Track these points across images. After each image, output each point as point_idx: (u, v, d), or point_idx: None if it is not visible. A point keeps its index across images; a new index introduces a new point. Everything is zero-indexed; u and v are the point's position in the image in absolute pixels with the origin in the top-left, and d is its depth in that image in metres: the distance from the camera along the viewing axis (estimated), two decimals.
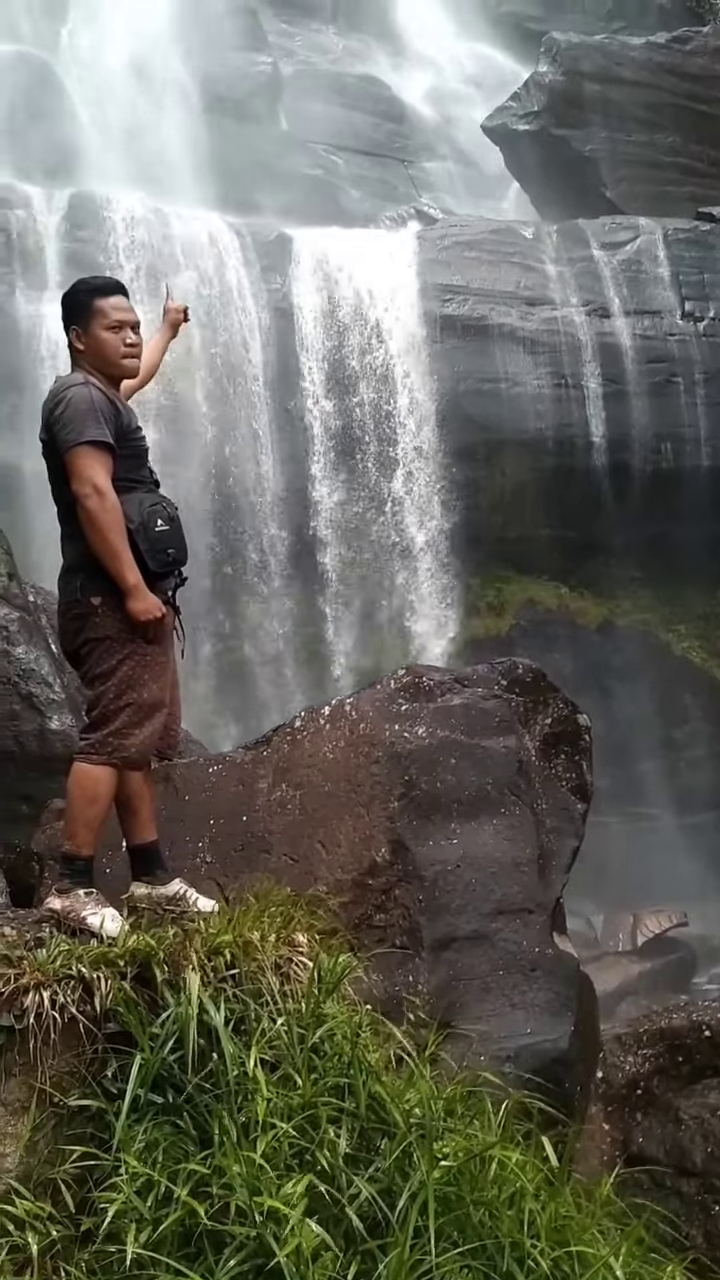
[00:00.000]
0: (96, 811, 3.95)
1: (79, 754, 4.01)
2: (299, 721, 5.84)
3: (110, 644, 3.98)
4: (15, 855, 6.02)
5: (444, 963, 5.29)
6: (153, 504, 4.09)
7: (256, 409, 13.82)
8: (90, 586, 3.99)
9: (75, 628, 4.05)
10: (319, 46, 19.60)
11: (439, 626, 14.03)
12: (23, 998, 3.05)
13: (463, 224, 15.73)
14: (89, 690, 4.09)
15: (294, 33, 19.43)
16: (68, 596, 4.06)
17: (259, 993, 3.22)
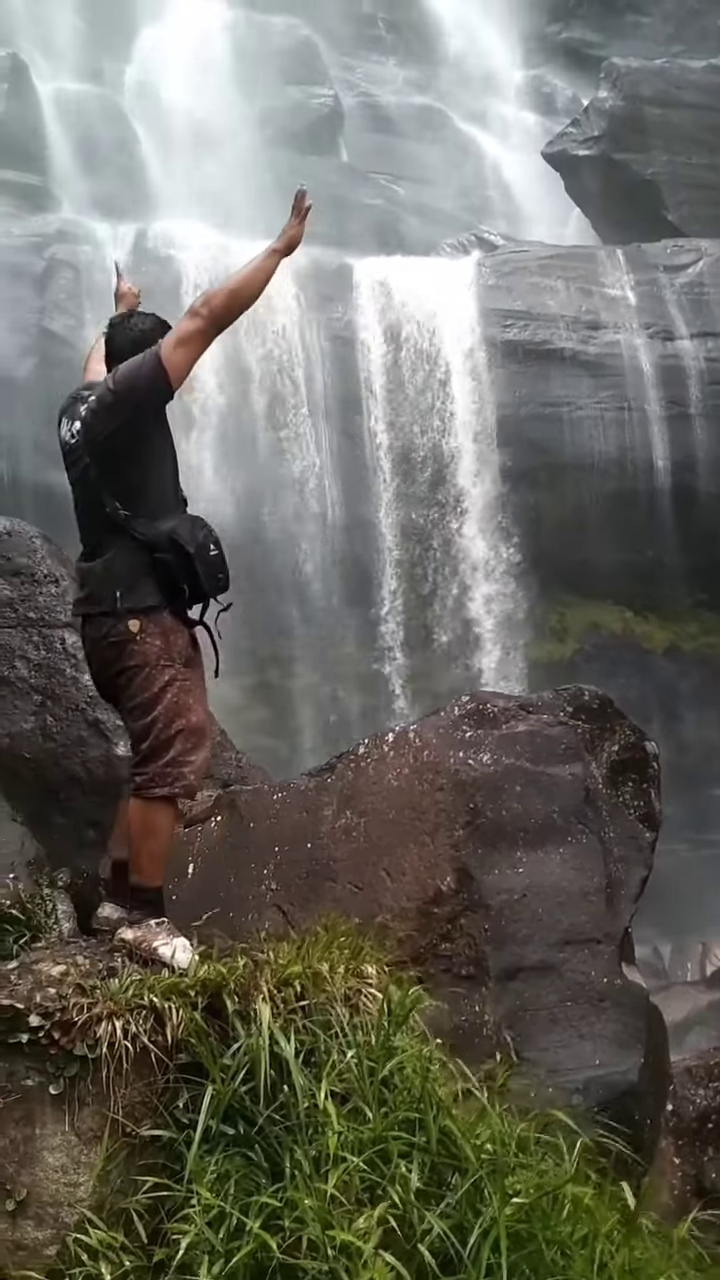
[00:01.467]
0: (161, 843, 3.92)
1: (137, 789, 3.93)
2: (363, 749, 5.83)
3: (150, 672, 3.85)
4: (83, 880, 6.08)
5: (511, 993, 5.23)
6: (204, 528, 3.95)
7: (317, 435, 13.92)
8: (127, 609, 3.85)
9: (112, 655, 3.92)
10: (379, 79, 19.82)
11: (502, 652, 13.97)
12: (96, 1027, 3.08)
13: (523, 249, 15.78)
14: (134, 721, 3.96)
15: (355, 65, 19.67)
16: (103, 623, 3.92)
17: (328, 1024, 3.21)
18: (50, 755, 7.21)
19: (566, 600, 14.41)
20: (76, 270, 13.35)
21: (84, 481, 3.95)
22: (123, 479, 3.90)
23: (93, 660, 4.12)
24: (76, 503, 4.00)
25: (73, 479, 4.01)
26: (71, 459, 3.99)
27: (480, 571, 14.09)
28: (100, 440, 3.88)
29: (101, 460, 3.89)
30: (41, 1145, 3.14)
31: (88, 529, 3.99)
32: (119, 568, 3.88)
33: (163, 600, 3.90)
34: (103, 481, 3.89)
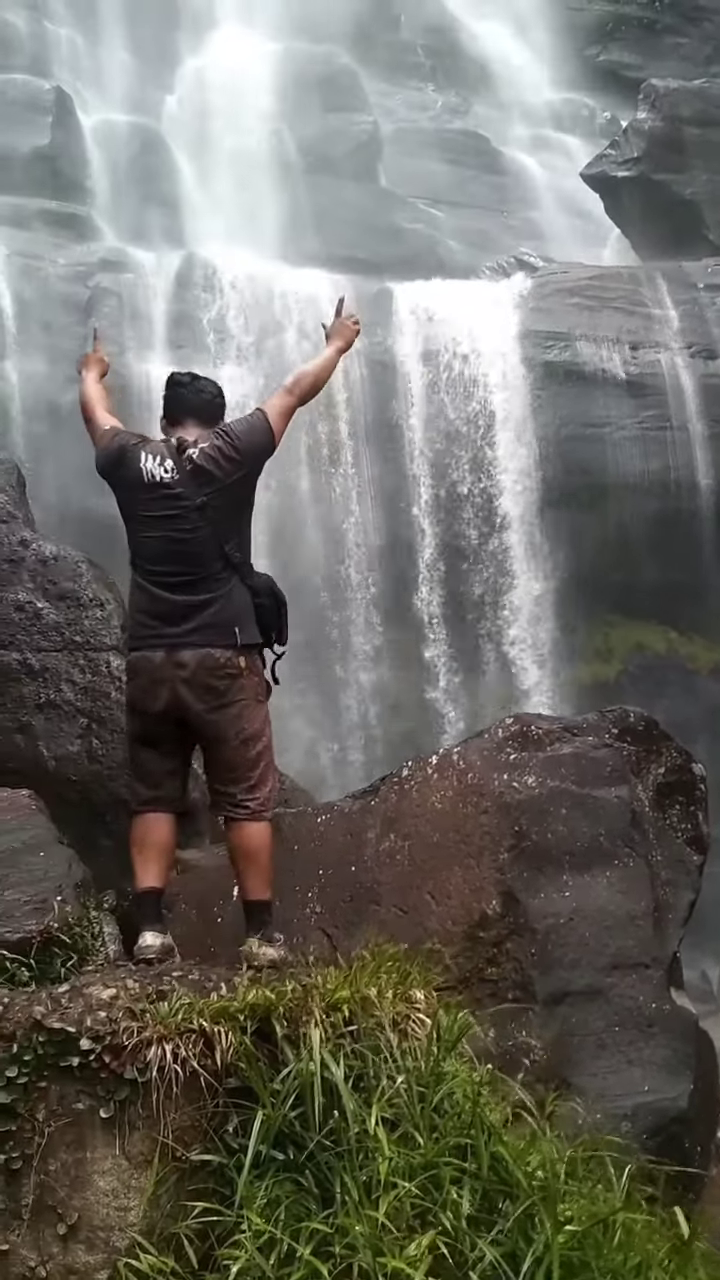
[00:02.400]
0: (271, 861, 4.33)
1: (252, 814, 4.27)
2: (406, 771, 5.83)
3: (255, 705, 4.27)
4: (129, 903, 6.11)
5: (558, 1018, 5.19)
6: (272, 582, 4.41)
7: (358, 459, 13.98)
8: (243, 644, 4.23)
9: (224, 685, 4.21)
10: (418, 104, 19.98)
11: (546, 673, 13.91)
12: (146, 1051, 3.09)
13: (563, 271, 15.79)
14: (240, 751, 4.27)
15: (393, 92, 19.85)
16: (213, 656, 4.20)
17: (378, 1049, 3.21)
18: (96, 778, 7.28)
19: (610, 621, 14.34)
20: (120, 298, 13.55)
21: (189, 521, 4.25)
22: (237, 526, 4.34)
23: (177, 689, 4.24)
24: (174, 539, 4.26)
25: (165, 515, 4.27)
26: (169, 497, 4.27)
27: (523, 592, 14.07)
28: (226, 487, 4.28)
29: (224, 506, 4.29)
30: (92, 1169, 3.16)
31: (194, 565, 4.26)
32: (236, 605, 4.26)
33: (260, 641, 4.35)
34: (222, 525, 4.28)
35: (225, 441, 4.33)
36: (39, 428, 12.78)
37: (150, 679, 4.25)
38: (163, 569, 4.28)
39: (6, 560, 7.82)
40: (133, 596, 4.39)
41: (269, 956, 3.92)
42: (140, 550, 4.35)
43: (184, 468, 4.28)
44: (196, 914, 5.44)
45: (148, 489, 4.31)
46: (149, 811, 4.35)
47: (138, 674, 4.30)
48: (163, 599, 4.26)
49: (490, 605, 13.96)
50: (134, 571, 4.40)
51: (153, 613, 4.28)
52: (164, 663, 4.22)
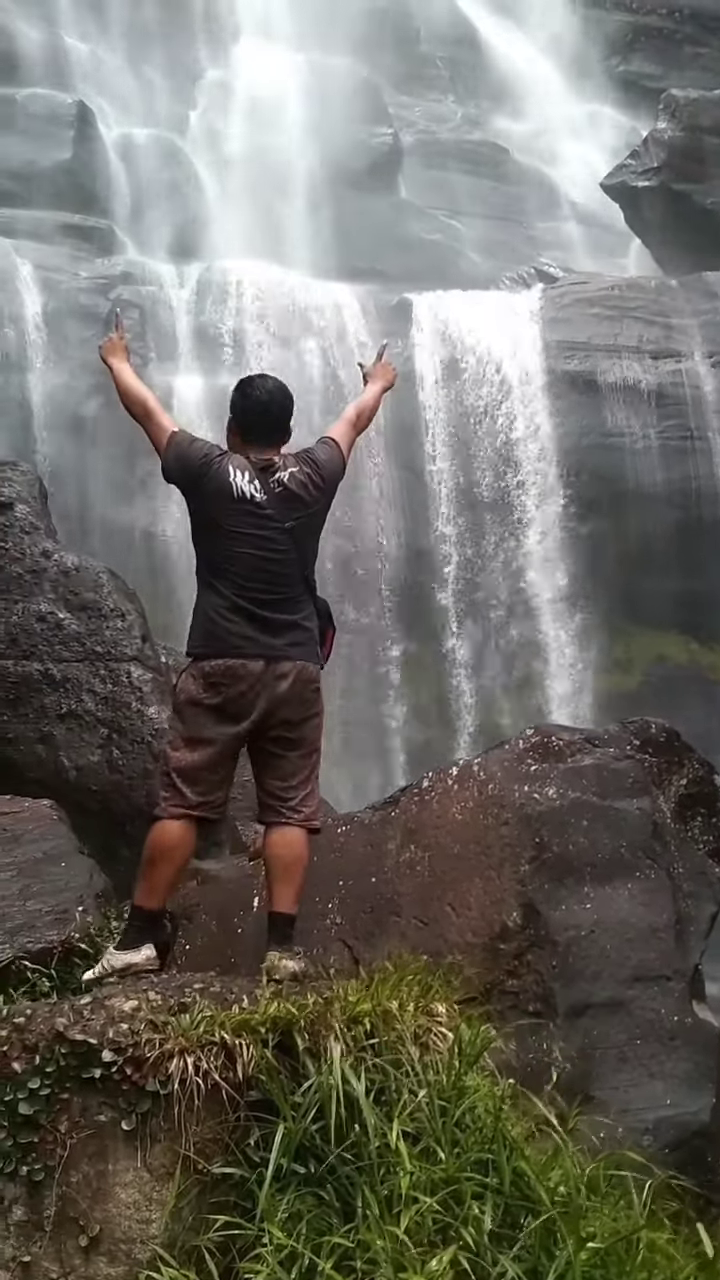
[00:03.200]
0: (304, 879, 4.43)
1: (305, 822, 4.39)
2: (426, 782, 5.82)
3: (321, 718, 4.49)
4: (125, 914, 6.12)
5: (579, 1031, 5.17)
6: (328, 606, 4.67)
7: (379, 468, 14.01)
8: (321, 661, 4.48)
9: (312, 698, 4.44)
10: (438, 116, 20.04)
11: (566, 683, 13.88)
12: (167, 1063, 3.09)
13: (583, 281, 15.80)
14: (299, 759, 4.44)
15: (413, 104, 19.92)
16: (312, 669, 4.43)
17: (399, 1063, 3.20)
18: (117, 787, 7.31)
19: (631, 631, 14.29)
20: (142, 310, 13.64)
21: (280, 543, 4.40)
22: (314, 551, 4.55)
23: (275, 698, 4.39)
24: (265, 558, 4.40)
25: (256, 533, 4.39)
26: (260, 516, 4.39)
27: (543, 601, 14.04)
28: (313, 517, 4.50)
29: (308, 532, 4.50)
30: (114, 1181, 3.16)
31: (284, 585, 4.43)
32: (314, 624, 4.51)
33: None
34: (305, 548, 4.48)
35: (313, 470, 4.49)
36: (61, 439, 12.88)
37: (250, 685, 4.32)
38: (255, 585, 4.37)
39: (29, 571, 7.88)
40: (212, 605, 4.40)
41: (290, 970, 3.92)
42: (228, 562, 4.39)
43: (273, 490, 4.38)
44: (217, 925, 5.45)
45: (237, 504, 4.37)
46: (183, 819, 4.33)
47: (236, 680, 4.32)
48: (253, 613, 4.35)
49: (510, 615, 13.93)
50: (216, 580, 4.41)
51: (245, 623, 4.35)
52: (264, 672, 4.32)
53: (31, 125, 15.85)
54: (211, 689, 4.34)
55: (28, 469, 8.80)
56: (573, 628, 14.06)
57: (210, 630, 4.38)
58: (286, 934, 4.15)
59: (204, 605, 4.44)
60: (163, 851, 4.29)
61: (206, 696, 4.35)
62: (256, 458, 4.45)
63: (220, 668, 4.33)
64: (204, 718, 4.35)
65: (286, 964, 3.92)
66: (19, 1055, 3.16)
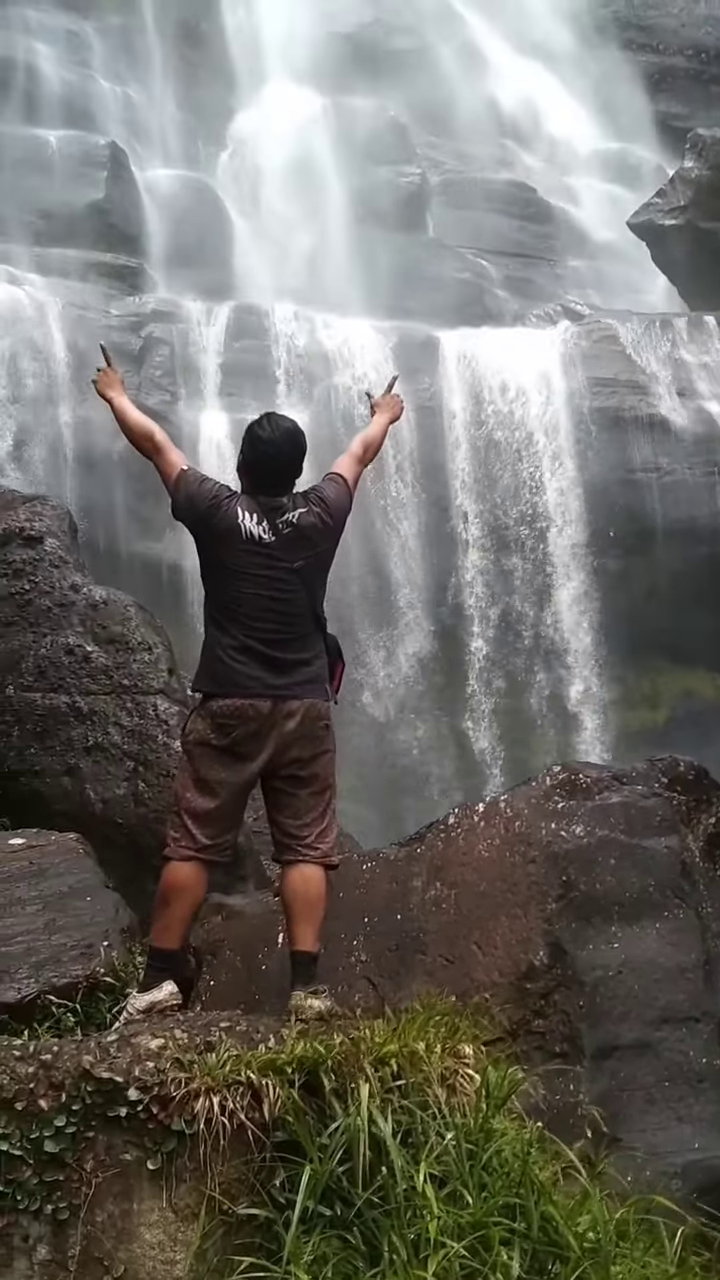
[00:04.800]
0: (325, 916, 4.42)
1: (323, 858, 4.39)
2: (453, 819, 5.81)
3: (334, 755, 4.48)
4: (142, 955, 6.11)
5: (606, 1072, 5.12)
6: (338, 642, 4.66)
7: (404, 504, 14.06)
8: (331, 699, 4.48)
9: (322, 735, 4.43)
10: (465, 156, 20.25)
11: (592, 718, 13.82)
12: (193, 1102, 3.08)
13: (610, 318, 15.86)
14: (314, 797, 4.42)
15: (441, 144, 20.14)
16: (320, 706, 4.43)
17: (426, 1104, 3.18)
18: (142, 821, 7.33)
19: (658, 666, 14.22)
20: (171, 347, 13.80)
21: (288, 583, 4.43)
22: (323, 588, 4.57)
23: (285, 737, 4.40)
24: (274, 599, 4.41)
25: (264, 574, 4.41)
26: (267, 557, 4.41)
27: (570, 637, 14.01)
28: (321, 553, 4.53)
29: (318, 571, 4.52)
30: (139, 1221, 3.15)
31: (292, 624, 4.44)
32: (324, 661, 4.51)
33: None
34: (314, 587, 4.49)
35: (323, 509, 4.52)
36: (90, 473, 13.00)
37: (259, 726, 4.32)
38: (263, 625, 4.38)
39: (58, 604, 7.95)
40: (220, 645, 4.40)
41: (316, 1009, 3.90)
42: (236, 603, 4.41)
43: (282, 531, 4.41)
44: (241, 961, 5.44)
45: (245, 545, 4.40)
46: (193, 861, 4.34)
47: (244, 721, 4.32)
48: (262, 653, 4.37)
49: (537, 650, 13.90)
50: (224, 620, 4.43)
51: (253, 664, 4.36)
52: (273, 712, 4.32)
53: (65, 166, 16.12)
54: (219, 730, 4.35)
55: (58, 503, 8.89)
56: (599, 663, 14.01)
57: (218, 670, 4.39)
58: (310, 973, 4.14)
59: (212, 644, 4.44)
60: (175, 892, 4.31)
61: (215, 737, 4.36)
62: (265, 499, 4.49)
63: (228, 708, 4.34)
64: (213, 759, 4.36)
65: (312, 1004, 3.90)
66: (45, 1093, 3.15)
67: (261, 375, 14.17)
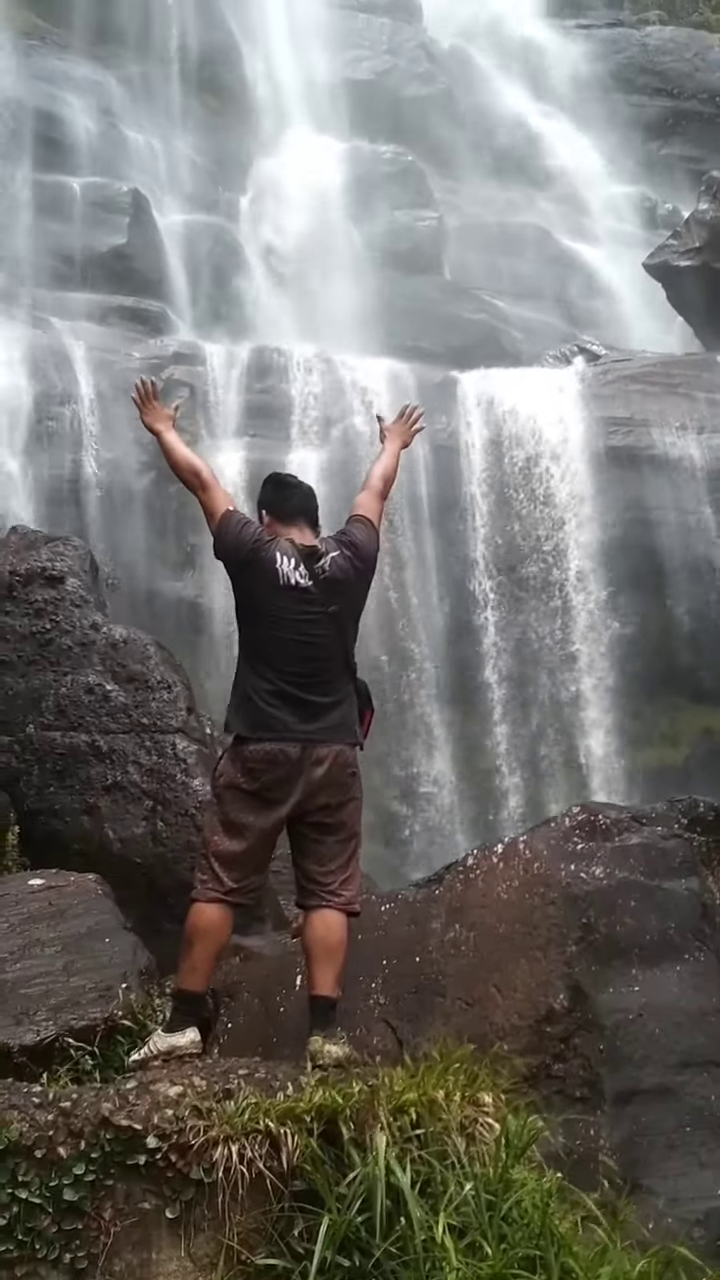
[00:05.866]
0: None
1: (347, 905, 4.40)
2: (471, 860, 5.80)
3: (361, 802, 4.51)
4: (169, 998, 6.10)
5: (627, 1117, 5.07)
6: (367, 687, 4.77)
7: (421, 541, 14.11)
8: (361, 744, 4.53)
9: (350, 782, 4.45)
10: (482, 200, 20.46)
11: (611, 757, 13.75)
12: (212, 1151, 3.07)
13: (626, 358, 15.94)
14: (339, 844, 4.44)
15: (458, 188, 20.38)
16: (349, 753, 4.45)
17: (444, 1154, 3.16)
18: (160, 860, 7.33)
19: (677, 705, 14.14)
20: (192, 389, 13.92)
21: (322, 626, 4.47)
22: (355, 633, 4.59)
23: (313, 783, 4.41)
24: (307, 643, 4.46)
25: (300, 618, 4.46)
26: (304, 601, 4.47)
27: (588, 676, 13.96)
28: (355, 600, 4.60)
29: (350, 615, 4.57)
30: (157, 1270, 3.13)
31: (324, 668, 4.47)
32: (354, 706, 4.53)
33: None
34: (347, 633, 4.53)
35: (354, 554, 4.59)
36: (112, 513, 13.12)
37: (288, 771, 4.34)
38: (295, 669, 4.41)
39: (78, 643, 8.02)
40: (254, 688, 4.43)
41: (334, 1055, 3.89)
42: (269, 647, 4.45)
43: (318, 576, 4.47)
44: (259, 1003, 5.43)
45: (282, 591, 4.46)
46: (219, 903, 4.35)
47: (274, 766, 4.34)
48: (294, 696, 4.39)
49: (554, 688, 13.87)
50: (258, 663, 4.47)
51: (285, 708, 4.38)
52: (301, 757, 4.35)
53: (88, 212, 16.36)
54: (249, 774, 4.37)
55: (79, 543, 8.97)
56: (618, 701, 13.95)
57: (251, 714, 4.41)
58: (329, 1018, 4.13)
59: (246, 687, 4.47)
60: (201, 934, 4.32)
61: (245, 781, 4.38)
62: (300, 543, 4.55)
63: (259, 753, 4.36)
64: (242, 803, 4.38)
65: (330, 1049, 3.89)
66: (65, 1140, 3.15)
67: (280, 416, 14.27)
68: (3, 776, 7.47)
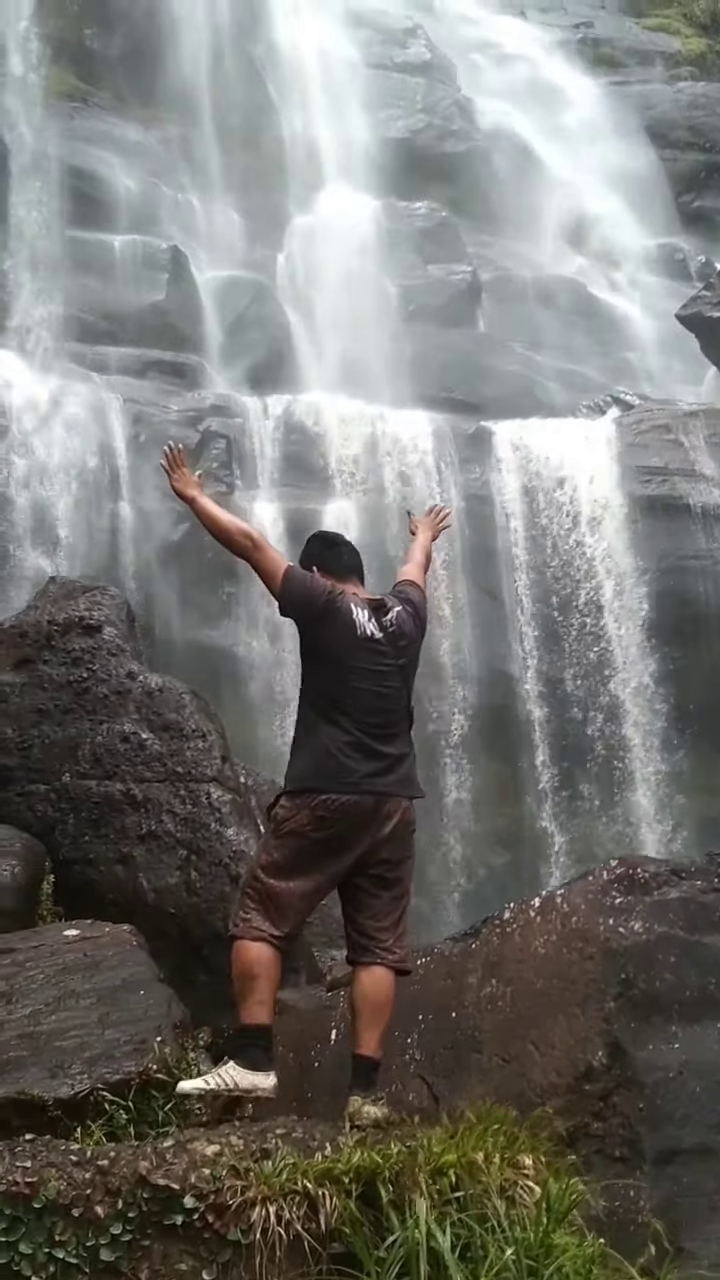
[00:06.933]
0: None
1: (399, 963, 4.40)
2: (508, 914, 5.75)
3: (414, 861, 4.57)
4: (224, 1040, 6.05)
5: (668, 1178, 4.97)
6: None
7: (456, 591, 14.13)
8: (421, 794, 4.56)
9: (409, 839, 4.49)
10: (515, 254, 20.67)
11: (653, 807, 13.62)
12: (250, 1211, 3.03)
13: (659, 407, 15.99)
14: (395, 900, 4.47)
15: (491, 242, 20.59)
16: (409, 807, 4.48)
17: (484, 1217, 3.11)
18: (194, 911, 7.30)
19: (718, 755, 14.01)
20: (228, 441, 14.11)
21: (393, 679, 4.55)
22: (413, 686, 4.67)
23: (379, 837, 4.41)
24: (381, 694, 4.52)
25: (375, 669, 4.53)
26: (378, 653, 4.54)
27: (628, 726, 13.87)
28: (415, 655, 4.69)
29: (413, 668, 4.66)
30: None
31: (396, 720, 4.55)
32: (415, 757, 4.59)
33: None
34: (409, 684, 4.61)
35: (414, 610, 4.72)
36: (149, 563, 13.26)
37: (361, 822, 4.35)
38: (374, 720, 4.45)
39: (114, 692, 8.05)
40: (331, 739, 4.43)
41: (374, 1117, 3.84)
42: (347, 698, 4.48)
43: (387, 628, 4.57)
44: (294, 1057, 5.38)
45: (361, 641, 4.52)
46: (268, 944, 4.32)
47: (347, 817, 4.34)
48: (371, 748, 4.42)
49: (595, 738, 13.78)
50: (334, 714, 4.47)
51: (363, 760, 4.40)
52: (374, 809, 4.37)
53: (128, 269, 16.70)
54: (319, 823, 4.36)
55: (116, 593, 9.05)
56: (659, 750, 13.84)
57: (330, 765, 4.40)
58: (372, 1079, 4.08)
59: (322, 739, 4.44)
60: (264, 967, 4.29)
61: (313, 830, 4.36)
62: (366, 596, 4.64)
63: (335, 804, 4.34)
64: (308, 850, 4.36)
65: (370, 1110, 3.84)
66: (102, 1199, 3.11)
67: (315, 466, 14.41)
68: (39, 825, 7.48)
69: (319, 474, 14.41)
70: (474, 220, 20.40)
